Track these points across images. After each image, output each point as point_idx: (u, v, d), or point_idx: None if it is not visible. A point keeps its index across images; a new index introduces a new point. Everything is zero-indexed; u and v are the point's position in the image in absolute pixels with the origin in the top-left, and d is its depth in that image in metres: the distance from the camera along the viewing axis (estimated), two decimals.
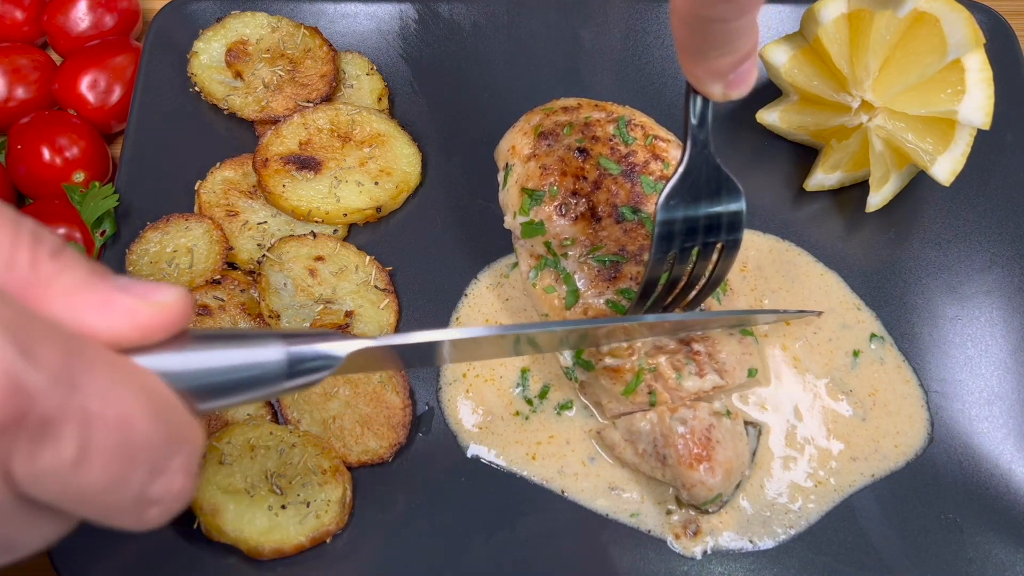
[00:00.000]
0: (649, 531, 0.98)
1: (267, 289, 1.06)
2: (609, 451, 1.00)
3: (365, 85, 1.22)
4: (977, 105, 1.04)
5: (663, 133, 1.07)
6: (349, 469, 0.98)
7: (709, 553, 0.96)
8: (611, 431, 0.99)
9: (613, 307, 0.97)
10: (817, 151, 1.18)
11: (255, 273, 1.08)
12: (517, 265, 1.09)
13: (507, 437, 1.02)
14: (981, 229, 1.14)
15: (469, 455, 1.01)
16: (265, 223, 1.12)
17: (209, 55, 1.20)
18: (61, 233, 1.12)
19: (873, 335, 1.07)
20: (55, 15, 1.28)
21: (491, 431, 1.02)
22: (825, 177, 1.15)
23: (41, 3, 1.29)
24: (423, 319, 1.09)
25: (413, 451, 1.01)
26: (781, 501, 0.99)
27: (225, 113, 1.18)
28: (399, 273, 1.11)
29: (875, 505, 0.99)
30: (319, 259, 1.09)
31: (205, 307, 1.05)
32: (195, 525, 0.94)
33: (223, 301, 1.06)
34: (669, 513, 0.98)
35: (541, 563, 0.96)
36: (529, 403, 1.04)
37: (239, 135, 1.18)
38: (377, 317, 1.07)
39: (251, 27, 1.22)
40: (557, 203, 1.01)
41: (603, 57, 1.25)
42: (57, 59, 1.30)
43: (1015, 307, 1.09)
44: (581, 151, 1.03)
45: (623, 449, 0.98)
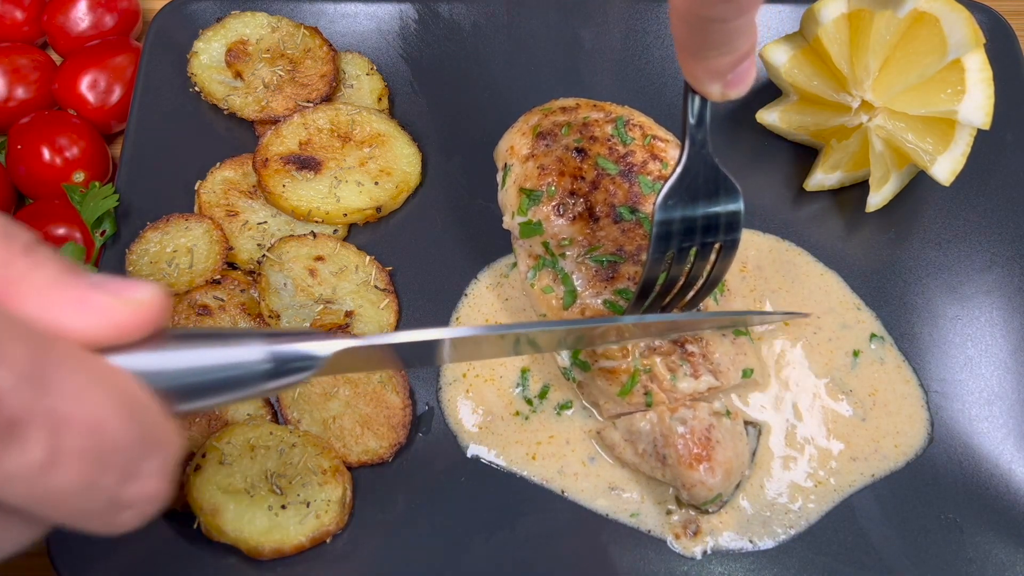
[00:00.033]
0: (649, 531, 0.98)
1: (267, 289, 1.06)
2: (609, 451, 1.00)
3: (365, 85, 1.22)
4: (977, 105, 1.04)
5: (662, 133, 1.07)
6: (349, 469, 0.98)
7: (709, 553, 0.96)
8: (611, 431, 0.99)
9: (611, 307, 0.96)
10: (817, 151, 1.18)
11: (255, 273, 1.08)
12: (517, 265, 1.09)
13: (507, 437, 1.02)
14: (981, 229, 1.14)
15: (469, 455, 1.01)
16: (265, 223, 1.12)
17: (209, 55, 1.20)
18: (61, 233, 1.12)
19: (873, 335, 1.07)
20: (55, 15, 1.28)
21: (491, 431, 1.02)
22: (825, 177, 1.14)
23: (41, 3, 1.29)
24: (423, 319, 1.09)
25: (413, 451, 1.01)
26: (781, 501, 0.99)
27: (225, 113, 1.18)
28: (399, 273, 1.11)
29: (875, 505, 0.99)
30: (319, 259, 1.09)
31: (205, 307, 1.05)
32: (195, 525, 0.94)
33: (223, 301, 1.06)
34: (669, 513, 0.98)
35: (541, 563, 0.96)
36: (529, 403, 1.04)
37: (239, 135, 1.18)
38: (377, 317, 1.07)
39: (251, 27, 1.22)
40: (555, 203, 1.01)
41: (603, 57, 1.25)
42: (57, 59, 1.30)
43: (1015, 307, 1.09)
44: (579, 151, 1.03)
45: (623, 449, 0.98)
